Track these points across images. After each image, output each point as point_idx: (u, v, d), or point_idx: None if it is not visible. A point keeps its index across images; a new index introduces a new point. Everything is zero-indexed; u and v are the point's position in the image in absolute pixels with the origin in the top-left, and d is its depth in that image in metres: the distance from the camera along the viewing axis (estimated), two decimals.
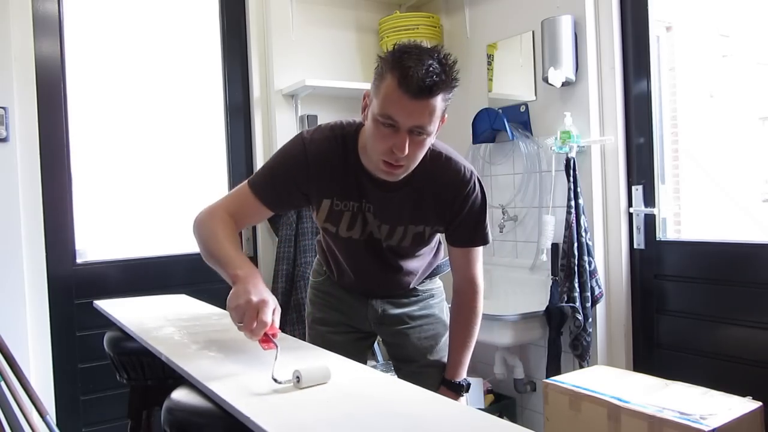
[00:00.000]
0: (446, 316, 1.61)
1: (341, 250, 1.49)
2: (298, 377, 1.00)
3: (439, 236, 1.53)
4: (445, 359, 1.56)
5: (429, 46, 1.20)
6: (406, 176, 1.29)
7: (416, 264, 1.52)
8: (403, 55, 1.14)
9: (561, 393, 1.98)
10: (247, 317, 1.10)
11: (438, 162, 1.34)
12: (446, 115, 1.25)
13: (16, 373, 2.07)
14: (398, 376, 1.65)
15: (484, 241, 1.44)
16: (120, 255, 2.65)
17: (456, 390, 1.53)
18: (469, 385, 1.55)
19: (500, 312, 2.50)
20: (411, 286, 1.57)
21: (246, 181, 1.38)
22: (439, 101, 1.17)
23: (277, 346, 1.11)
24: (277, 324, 1.13)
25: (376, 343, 1.72)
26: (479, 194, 1.38)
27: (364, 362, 1.69)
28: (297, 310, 2.68)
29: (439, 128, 1.25)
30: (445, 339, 1.58)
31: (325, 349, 1.29)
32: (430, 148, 1.30)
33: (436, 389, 1.51)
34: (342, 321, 1.62)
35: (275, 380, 1.00)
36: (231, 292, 1.15)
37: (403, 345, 1.59)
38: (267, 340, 1.12)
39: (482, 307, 1.52)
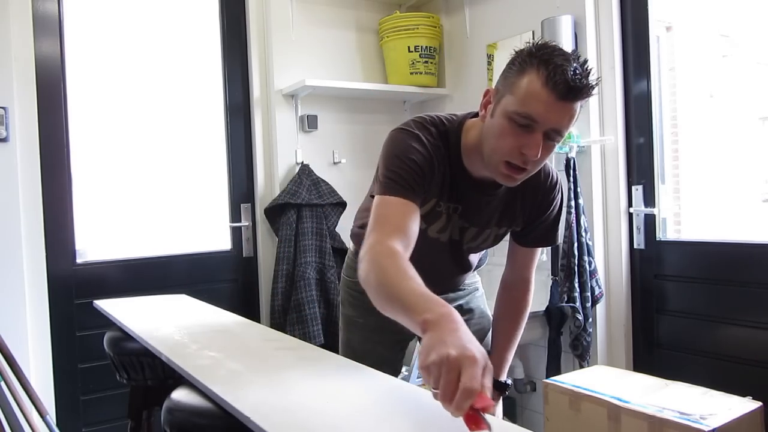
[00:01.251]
0: (488, 311, 1.59)
1: (417, 249, 1.26)
2: None
3: None
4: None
5: (566, 50, 1.13)
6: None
7: (475, 259, 1.49)
8: (551, 53, 1.08)
9: (561, 393, 1.98)
10: (444, 381, 0.76)
11: None
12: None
13: (16, 373, 2.07)
14: None
15: (554, 241, 1.42)
16: (120, 255, 2.65)
17: (501, 389, 1.48)
18: (511, 384, 1.52)
19: None
20: (463, 282, 1.54)
21: (380, 198, 1.16)
22: (578, 106, 1.09)
23: (490, 427, 0.74)
24: (489, 392, 0.76)
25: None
26: (561, 197, 1.37)
27: (400, 366, 1.65)
28: (297, 310, 2.68)
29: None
30: (489, 334, 1.56)
31: (365, 356, 1.24)
32: None
33: None
34: (384, 326, 1.43)
35: None
36: (423, 342, 0.84)
37: None
38: (476, 418, 0.74)
39: (531, 304, 1.51)
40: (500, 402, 1.53)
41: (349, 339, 1.62)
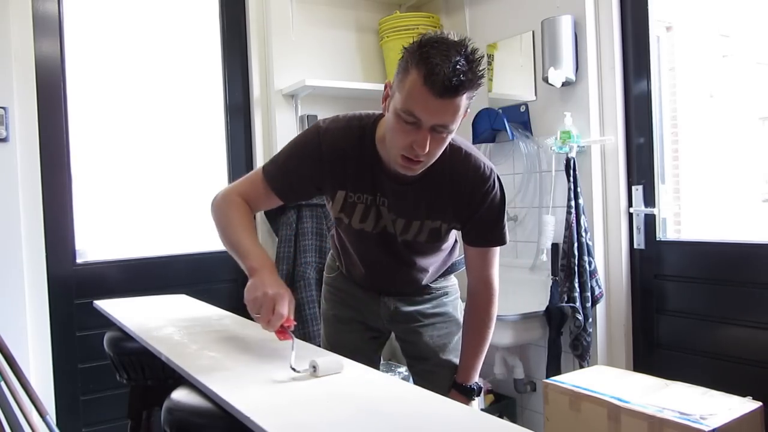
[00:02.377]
0: (460, 315, 1.57)
1: (353, 242, 1.46)
2: (314, 367, 1.05)
3: (456, 234, 1.49)
4: (458, 360, 1.53)
5: (456, 39, 1.12)
6: (424, 169, 1.25)
7: (430, 260, 1.48)
8: (430, 50, 1.08)
9: (561, 393, 1.98)
10: (264, 309, 1.15)
11: (458, 157, 1.30)
12: (468, 110, 1.20)
13: (16, 373, 2.07)
14: (412, 374, 1.63)
15: (501, 241, 1.39)
16: (120, 255, 2.65)
17: (467, 394, 1.49)
18: (480, 389, 1.52)
19: (500, 312, 2.46)
20: (424, 283, 1.53)
21: (260, 169, 1.37)
22: (464, 99, 1.12)
23: (293, 338, 1.16)
24: (292, 316, 1.18)
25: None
26: (498, 193, 1.34)
27: (377, 361, 1.68)
28: (297, 310, 2.68)
29: (461, 123, 1.20)
30: (458, 338, 1.55)
31: (338, 346, 1.33)
32: (450, 142, 1.25)
33: (447, 390, 1.49)
34: (355, 318, 1.60)
35: (293, 369, 1.06)
36: (248, 284, 1.20)
37: (415, 342, 1.56)
38: (283, 331, 1.17)
39: (497, 310, 1.48)
40: (475, 405, 1.54)
41: (328, 333, 1.66)
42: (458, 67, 1.07)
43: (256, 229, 1.39)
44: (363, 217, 1.37)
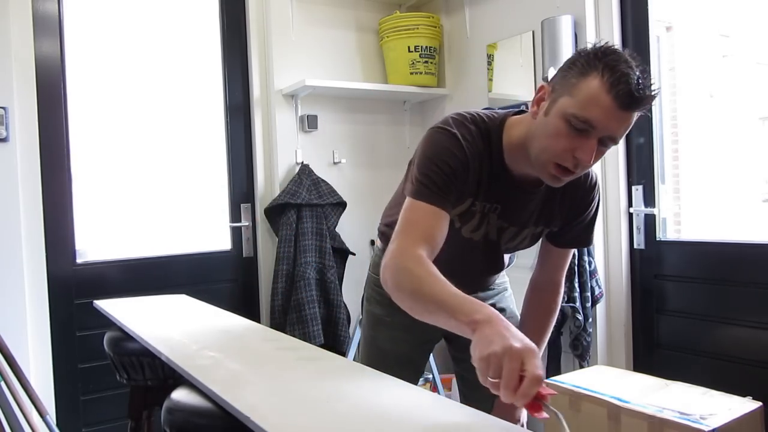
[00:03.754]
0: (517, 312, 1.56)
1: (449, 247, 1.25)
2: None
3: None
4: None
5: (629, 54, 1.08)
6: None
7: (507, 260, 1.48)
8: (617, 59, 1.04)
9: (561, 393, 1.98)
10: (508, 370, 0.81)
11: None
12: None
13: (16, 373, 2.07)
14: (458, 368, 1.59)
15: (590, 243, 1.40)
16: (120, 255, 2.65)
17: None
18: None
19: None
20: (493, 281, 1.53)
21: (411, 202, 1.17)
22: (636, 115, 1.09)
23: (557, 414, 0.82)
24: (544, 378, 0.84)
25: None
26: (599, 198, 1.35)
27: (423, 367, 1.63)
28: (297, 310, 2.68)
29: None
30: None
31: (390, 353, 1.21)
32: None
33: None
34: (411, 324, 1.39)
35: None
36: (477, 337, 0.89)
37: None
38: (537, 405, 0.82)
39: (559, 309, 1.47)
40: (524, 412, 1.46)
41: (374, 337, 1.58)
42: (641, 81, 1.04)
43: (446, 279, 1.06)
44: (477, 227, 1.29)
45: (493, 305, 1.48)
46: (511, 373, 0.81)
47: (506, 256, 1.47)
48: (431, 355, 2.78)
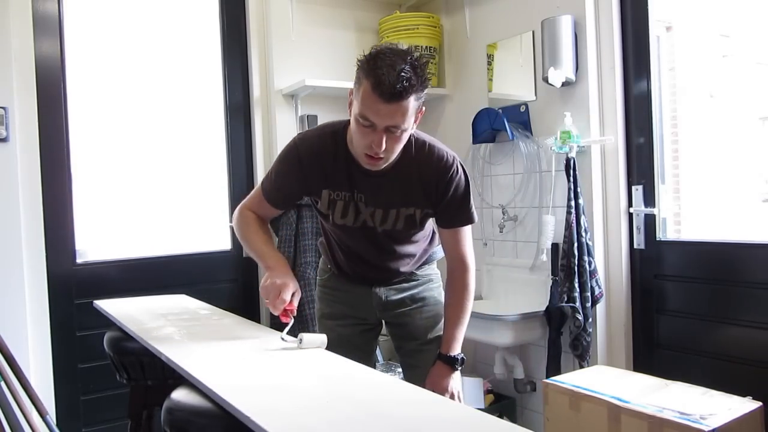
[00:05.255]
0: (442, 300, 1.70)
1: (339, 238, 1.62)
2: (301, 339, 1.33)
3: (432, 224, 1.64)
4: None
5: (404, 48, 1.33)
6: (392, 163, 1.43)
7: (412, 249, 1.63)
8: (378, 61, 1.26)
9: (561, 393, 1.98)
10: (272, 295, 1.39)
11: (422, 150, 1.48)
12: (423, 108, 1.38)
13: (16, 373, 2.07)
14: (400, 355, 1.76)
15: (469, 220, 1.56)
16: (120, 255, 2.65)
17: (450, 363, 1.59)
18: (463, 359, 1.61)
19: (500, 312, 2.50)
20: (408, 270, 1.67)
21: (258, 186, 1.59)
22: (411, 102, 1.28)
23: (291, 319, 1.43)
24: (295, 303, 1.43)
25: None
26: (462, 177, 1.51)
27: (372, 353, 1.82)
28: (297, 310, 2.67)
29: (418, 120, 1.39)
30: (443, 321, 1.65)
31: (334, 343, 1.41)
32: (414, 138, 1.47)
33: (432, 364, 1.60)
34: (348, 313, 1.71)
35: (283, 339, 1.37)
36: (264, 276, 1.44)
37: (405, 324, 1.69)
38: (285, 314, 1.42)
39: (474, 284, 1.61)
40: (457, 377, 1.61)
41: (323, 331, 1.70)
42: (402, 74, 1.24)
43: (270, 234, 1.59)
44: (343, 213, 1.51)
45: (415, 295, 1.68)
46: (273, 297, 1.40)
47: (413, 246, 1.61)
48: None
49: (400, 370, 2.88)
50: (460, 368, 1.61)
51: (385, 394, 1.00)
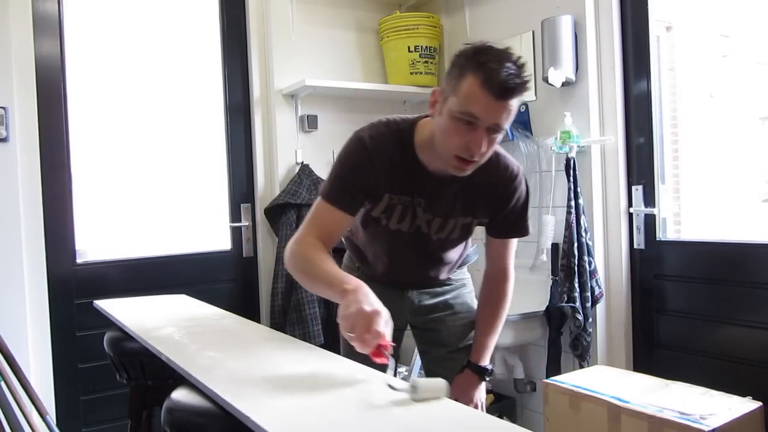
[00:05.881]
0: (476, 306, 1.65)
1: (387, 242, 1.50)
2: (415, 387, 0.98)
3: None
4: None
5: (503, 47, 1.24)
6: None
7: (454, 255, 1.57)
8: (486, 56, 1.19)
9: (561, 393, 1.98)
10: (359, 327, 1.06)
11: (490, 159, 1.36)
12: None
13: (16, 373, 2.07)
14: (424, 361, 1.70)
15: (525, 232, 1.51)
16: (120, 255, 2.65)
17: (480, 373, 1.56)
18: (492, 371, 1.58)
19: None
20: (445, 276, 1.62)
21: (318, 199, 1.37)
22: (515, 102, 1.22)
23: (390, 359, 1.08)
24: (389, 337, 1.08)
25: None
26: (525, 188, 1.46)
27: (396, 358, 1.71)
28: (297, 310, 2.68)
29: None
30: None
31: (353, 351, 1.27)
32: None
33: (461, 371, 1.56)
34: None
35: (391, 387, 1.02)
36: (342, 303, 1.12)
37: (437, 330, 1.63)
38: (379, 353, 1.07)
39: (511, 294, 1.57)
40: (482, 387, 1.59)
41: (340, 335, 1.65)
42: (512, 71, 1.18)
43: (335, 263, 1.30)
44: (401, 218, 1.42)
45: (448, 300, 1.62)
46: (360, 330, 1.06)
47: (454, 252, 1.55)
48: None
49: (400, 369, 2.89)
50: (488, 379, 1.58)
51: (386, 394, 1.00)
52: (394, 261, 1.53)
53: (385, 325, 1.07)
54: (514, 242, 1.54)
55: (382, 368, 1.11)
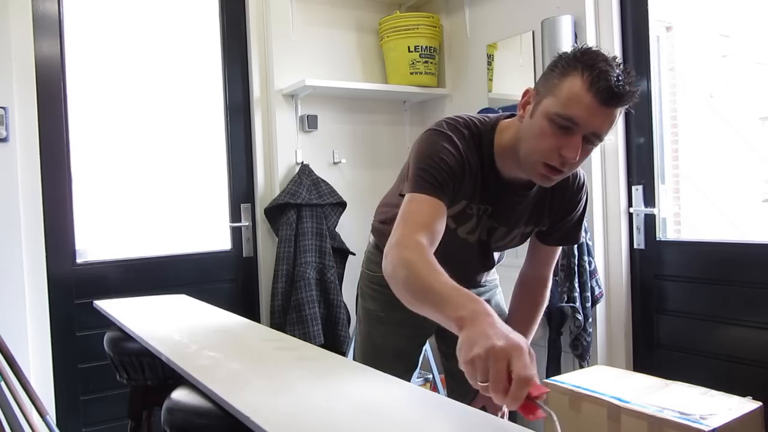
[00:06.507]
0: (506, 307, 1.60)
1: (444, 246, 1.28)
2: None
3: None
4: None
5: (609, 55, 1.13)
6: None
7: (497, 257, 1.51)
8: (594, 58, 1.09)
9: (561, 393, 1.98)
10: (495, 371, 0.76)
11: None
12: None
13: (16, 373, 2.07)
14: (447, 364, 1.63)
15: (577, 240, 1.43)
16: (120, 255, 2.65)
17: None
18: None
19: None
20: (485, 279, 1.56)
21: (409, 195, 1.18)
22: (619, 112, 1.10)
23: (550, 414, 0.77)
24: (537, 378, 0.77)
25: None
26: (587, 197, 1.39)
27: (418, 362, 1.66)
28: (297, 310, 2.68)
29: None
30: None
31: (384, 348, 1.22)
32: None
33: None
34: (407, 320, 1.42)
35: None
36: (462, 338, 0.85)
37: None
38: (532, 407, 0.76)
39: (547, 302, 1.51)
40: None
41: (369, 333, 1.60)
42: (621, 77, 1.06)
43: (444, 270, 1.03)
44: (473, 229, 1.32)
45: (487, 300, 1.52)
46: (498, 375, 0.76)
47: (496, 254, 1.49)
48: (430, 355, 2.79)
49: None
50: None
51: (386, 394, 1.00)
52: (447, 267, 1.35)
53: (531, 363, 0.78)
54: (560, 249, 1.48)
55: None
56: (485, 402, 1.42)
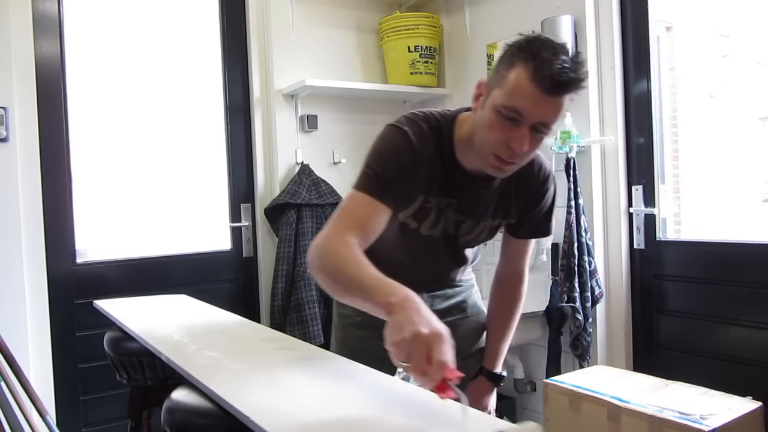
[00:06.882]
0: (484, 307, 1.59)
1: (409, 244, 1.36)
2: None
3: None
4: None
5: (558, 41, 1.10)
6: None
7: (471, 254, 1.48)
8: (539, 46, 1.06)
9: (561, 393, 1.98)
10: (417, 355, 0.86)
11: None
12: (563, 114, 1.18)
13: (16, 373, 2.07)
14: None
15: (548, 232, 1.43)
16: (120, 255, 2.65)
17: (496, 380, 1.50)
18: (504, 377, 1.53)
19: None
20: (460, 277, 1.54)
21: (352, 192, 1.19)
22: (566, 100, 1.09)
23: (459, 394, 0.85)
24: (453, 363, 0.87)
25: None
26: (554, 188, 1.39)
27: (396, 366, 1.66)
28: (297, 311, 2.68)
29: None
30: (485, 330, 1.56)
31: (361, 353, 1.23)
32: None
33: (473, 379, 1.49)
34: (379, 322, 1.45)
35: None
36: (389, 323, 0.92)
37: (451, 336, 1.54)
38: (445, 387, 0.84)
39: (525, 296, 1.52)
40: (494, 394, 1.53)
41: (344, 337, 1.60)
42: (566, 65, 1.05)
43: (372, 264, 1.07)
44: (434, 223, 1.31)
45: (460, 302, 1.53)
46: (420, 359, 0.85)
47: (470, 252, 1.48)
48: None
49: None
50: (501, 386, 1.53)
51: (386, 395, 1.00)
52: (414, 263, 1.39)
53: (449, 350, 0.87)
54: (533, 242, 1.47)
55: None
56: (472, 401, 1.43)
